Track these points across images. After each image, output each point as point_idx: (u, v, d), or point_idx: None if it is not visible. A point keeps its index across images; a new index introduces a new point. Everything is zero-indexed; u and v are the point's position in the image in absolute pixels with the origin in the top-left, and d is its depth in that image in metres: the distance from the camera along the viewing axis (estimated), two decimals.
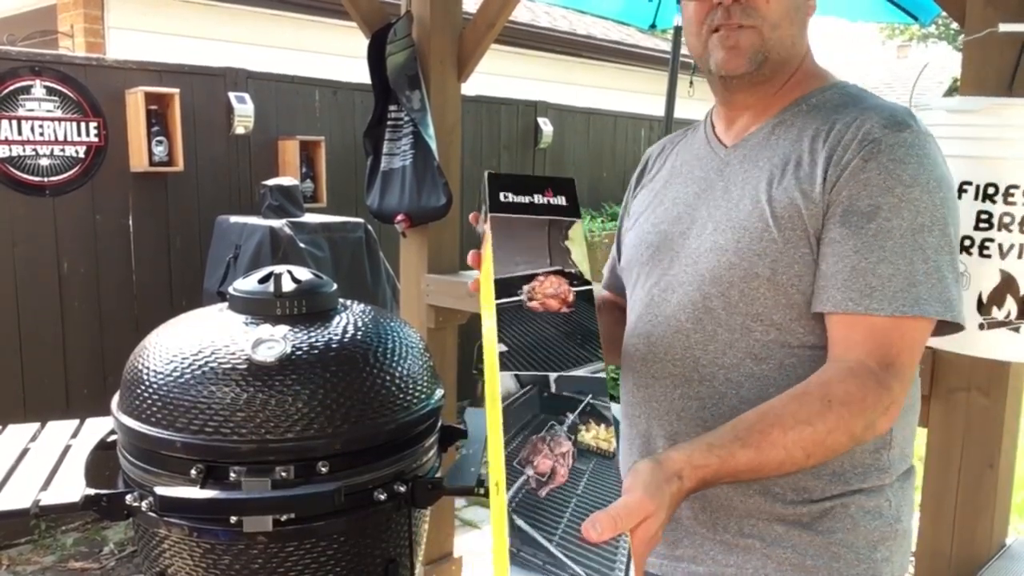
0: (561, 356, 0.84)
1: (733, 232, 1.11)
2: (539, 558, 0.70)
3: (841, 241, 1.03)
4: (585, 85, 8.45)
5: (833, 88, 1.17)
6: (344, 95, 4.56)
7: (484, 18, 2.83)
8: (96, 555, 3.53)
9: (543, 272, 0.87)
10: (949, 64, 12.39)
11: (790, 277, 1.07)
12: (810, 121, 1.12)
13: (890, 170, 1.02)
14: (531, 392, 0.81)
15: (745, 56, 1.12)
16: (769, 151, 1.13)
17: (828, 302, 1.03)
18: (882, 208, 1.01)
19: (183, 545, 1.36)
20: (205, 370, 1.33)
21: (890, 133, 1.04)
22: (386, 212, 2.89)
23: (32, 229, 3.55)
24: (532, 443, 0.77)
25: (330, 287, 1.53)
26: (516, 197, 0.93)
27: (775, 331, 1.09)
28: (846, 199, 1.03)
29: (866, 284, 1.01)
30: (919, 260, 1.00)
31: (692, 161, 1.25)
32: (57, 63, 3.57)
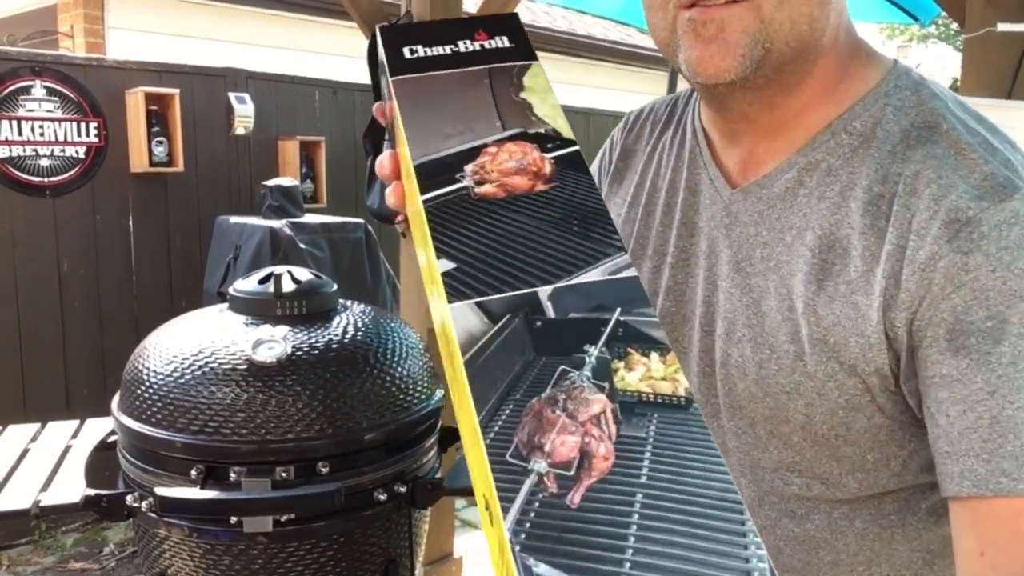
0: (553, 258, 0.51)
1: (757, 350, 0.78)
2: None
3: (961, 379, 0.66)
4: (585, 85, 8.45)
5: (885, 97, 0.75)
6: (344, 95, 4.56)
7: None
8: (96, 556, 3.53)
9: (493, 141, 0.57)
10: (949, 64, 12.41)
11: (832, 426, 0.75)
12: (860, 169, 0.73)
13: (1008, 264, 0.65)
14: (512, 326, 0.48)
15: (735, 51, 0.70)
16: (798, 217, 0.76)
17: (967, 481, 0.65)
18: (1011, 321, 0.65)
19: (183, 546, 1.36)
20: (205, 370, 1.33)
21: (991, 206, 0.67)
22: (386, 212, 2.88)
23: (32, 229, 3.55)
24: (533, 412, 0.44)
25: (330, 287, 1.53)
26: (430, 49, 0.62)
27: (819, 485, 0.79)
28: (950, 315, 0.67)
29: (1022, 443, 0.63)
30: None
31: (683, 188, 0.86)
32: (57, 63, 3.58)
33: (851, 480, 0.77)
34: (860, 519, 0.79)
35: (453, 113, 0.58)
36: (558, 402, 0.44)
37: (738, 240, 0.80)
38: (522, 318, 0.48)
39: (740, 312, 0.79)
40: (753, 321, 0.78)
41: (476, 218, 0.54)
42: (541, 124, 0.59)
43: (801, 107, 0.77)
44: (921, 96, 0.75)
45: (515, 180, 0.55)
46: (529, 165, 0.56)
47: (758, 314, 0.78)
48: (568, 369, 0.46)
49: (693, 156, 0.86)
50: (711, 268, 0.82)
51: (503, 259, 0.51)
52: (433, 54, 0.62)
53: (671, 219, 0.87)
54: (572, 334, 0.48)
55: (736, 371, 0.79)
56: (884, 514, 0.79)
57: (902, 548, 0.78)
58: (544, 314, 0.49)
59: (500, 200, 0.54)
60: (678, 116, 0.92)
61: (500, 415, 0.44)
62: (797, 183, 0.77)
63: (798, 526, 0.81)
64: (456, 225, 0.53)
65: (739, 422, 0.81)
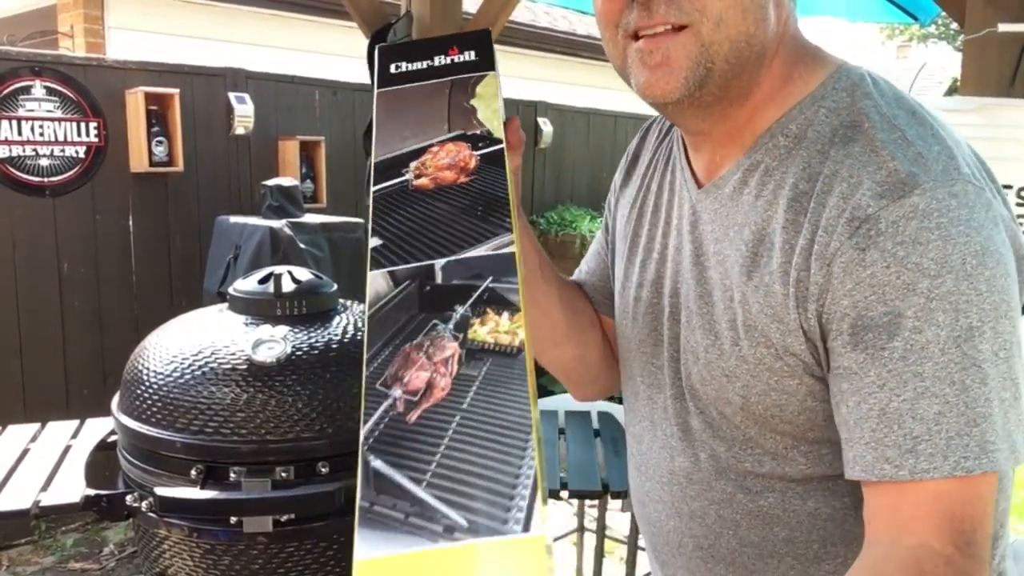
0: (454, 237, 0.63)
1: (704, 333, 0.85)
2: (399, 509, 0.49)
3: (859, 372, 0.71)
4: (585, 85, 8.44)
5: (821, 100, 0.80)
6: (344, 95, 4.56)
7: (484, 18, 2.83)
8: (96, 555, 3.53)
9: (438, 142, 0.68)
10: (949, 64, 12.40)
11: (767, 407, 0.80)
12: (790, 168, 0.79)
13: (902, 259, 0.69)
14: (408, 289, 0.61)
15: (678, 74, 0.77)
16: (741, 216, 0.82)
17: (857, 466, 0.72)
18: (905, 315, 0.69)
19: (183, 545, 1.36)
20: (205, 370, 1.33)
21: (890, 203, 0.71)
22: None
23: (32, 229, 3.55)
24: (403, 353, 0.57)
25: (330, 287, 1.53)
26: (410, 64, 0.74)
27: (770, 461, 0.83)
28: (851, 309, 0.72)
29: (905, 434, 0.69)
30: (975, 382, 0.69)
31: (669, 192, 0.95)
32: (57, 63, 3.57)
33: (797, 455, 0.82)
34: (813, 499, 0.83)
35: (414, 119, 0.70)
36: (423, 347, 0.57)
37: (699, 236, 0.87)
38: (417, 284, 0.62)
39: (695, 302, 0.87)
40: (704, 310, 0.85)
41: (408, 206, 0.66)
42: (479, 126, 0.71)
43: (749, 115, 0.83)
44: (854, 96, 0.79)
45: (445, 174, 0.67)
46: (459, 161, 0.68)
47: (709, 303, 0.85)
48: (437, 322, 0.59)
49: (674, 161, 0.95)
50: (679, 262, 0.90)
51: (417, 238, 0.64)
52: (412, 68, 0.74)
53: (657, 218, 0.95)
54: (449, 297, 0.60)
55: (691, 356, 0.87)
56: (837, 495, 0.82)
57: (857, 530, 0.80)
58: (434, 281, 0.62)
59: (430, 191, 0.66)
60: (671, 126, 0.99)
61: (381, 355, 0.58)
62: (742, 183, 0.83)
63: (752, 502, 0.85)
64: (391, 211, 0.66)
65: (697, 403, 0.87)
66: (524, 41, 7.56)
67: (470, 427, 0.53)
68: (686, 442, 0.89)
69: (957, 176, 0.73)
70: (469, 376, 0.56)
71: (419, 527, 0.49)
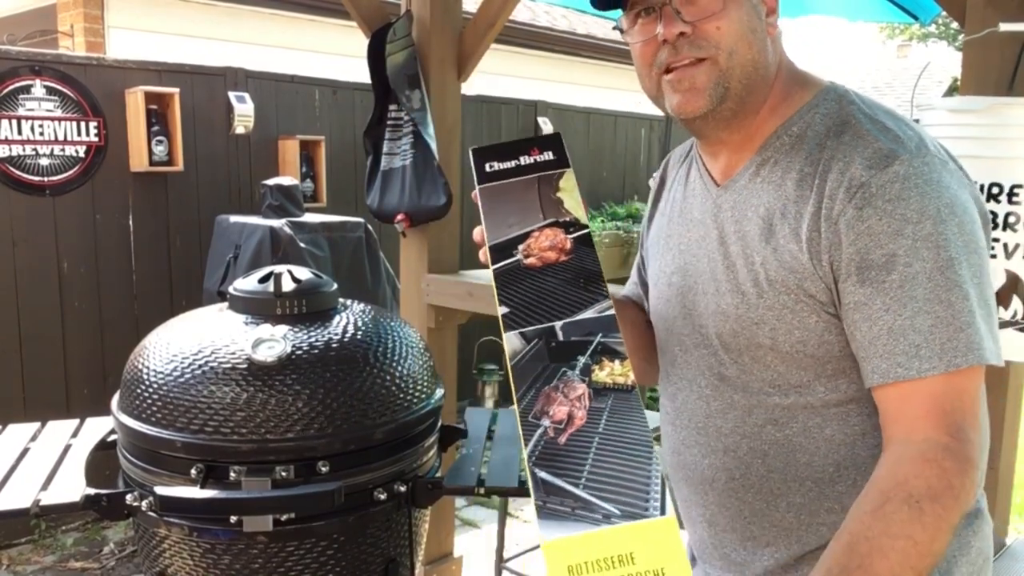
0: (565, 304, 0.85)
1: (732, 296, 1.05)
2: (567, 505, 0.70)
3: (867, 302, 0.93)
4: (585, 85, 8.45)
5: (815, 108, 1.04)
6: (344, 95, 4.56)
7: (484, 18, 2.83)
8: (96, 555, 3.53)
9: (537, 228, 0.88)
10: (949, 64, 12.40)
11: (792, 344, 1.00)
12: (795, 159, 1.02)
13: (890, 212, 0.92)
14: (537, 345, 0.81)
15: (703, 95, 1.01)
16: (756, 198, 1.04)
17: (875, 374, 0.93)
18: (897, 254, 0.91)
19: (183, 545, 1.36)
20: (205, 370, 1.33)
21: (878, 172, 0.93)
22: (386, 212, 2.89)
23: (32, 229, 3.55)
24: (544, 394, 0.78)
25: (330, 287, 1.53)
26: (502, 164, 0.94)
27: (795, 394, 1.02)
28: (856, 255, 0.93)
29: (909, 343, 0.90)
30: (958, 299, 0.90)
31: (691, 197, 1.16)
32: (57, 63, 3.57)
33: (818, 386, 1.01)
34: (830, 427, 1.02)
35: (514, 209, 0.91)
36: (559, 388, 0.79)
37: (720, 223, 1.09)
38: (543, 340, 0.83)
39: (722, 274, 1.07)
40: (730, 277, 1.05)
41: (523, 280, 0.88)
42: (567, 214, 0.92)
43: (759, 125, 1.06)
44: (841, 104, 1.03)
45: (548, 255, 0.88)
46: (557, 244, 0.89)
47: (733, 272, 1.05)
48: (566, 370, 0.80)
49: (693, 173, 1.17)
50: (704, 247, 1.11)
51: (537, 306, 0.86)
52: (503, 167, 0.94)
53: (683, 220, 1.17)
54: (571, 350, 0.82)
55: (722, 317, 1.06)
56: (850, 424, 1.01)
57: (864, 454, 1.01)
58: (557, 339, 0.83)
59: (538, 268, 0.88)
60: (688, 149, 1.24)
61: (527, 396, 0.79)
62: (755, 175, 1.05)
63: (779, 431, 1.04)
64: (510, 285, 0.87)
65: (730, 354, 1.06)
66: (524, 40, 7.56)
67: (608, 445, 0.74)
68: (720, 390, 1.08)
69: (927, 151, 0.96)
70: (599, 408, 0.78)
71: (584, 516, 0.69)
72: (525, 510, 3.93)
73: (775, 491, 1.05)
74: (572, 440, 0.74)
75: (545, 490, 0.71)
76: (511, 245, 0.87)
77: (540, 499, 0.69)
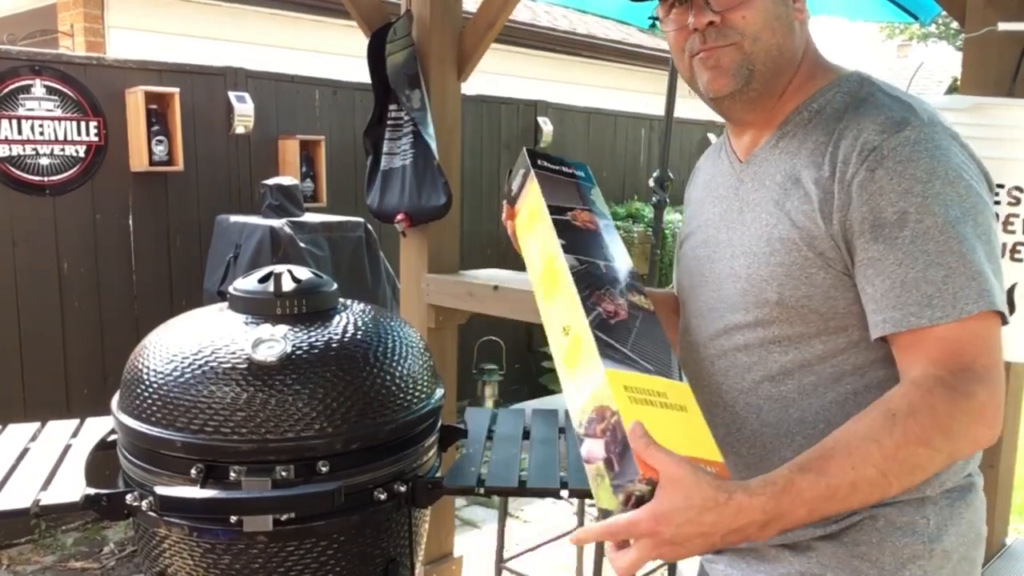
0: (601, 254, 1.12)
1: (745, 258, 1.11)
2: (620, 355, 0.94)
3: (880, 258, 0.97)
4: (585, 85, 8.44)
5: (837, 87, 1.10)
6: (344, 94, 4.56)
7: (484, 17, 2.83)
8: (96, 555, 3.53)
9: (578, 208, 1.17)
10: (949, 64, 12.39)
11: (798, 298, 1.05)
12: (811, 131, 1.08)
13: (901, 172, 0.97)
14: (588, 267, 1.06)
15: (729, 74, 1.09)
16: (773, 168, 1.11)
17: (888, 323, 0.97)
18: (909, 212, 0.96)
19: (183, 545, 1.36)
20: (205, 370, 1.33)
21: (889, 136, 0.99)
22: (386, 211, 2.89)
23: (32, 229, 3.55)
24: (597, 295, 1.01)
25: (330, 287, 1.53)
26: (550, 165, 1.22)
27: (793, 350, 1.07)
28: (869, 214, 0.98)
29: (922, 294, 0.94)
30: (968, 251, 0.94)
31: (717, 177, 1.24)
32: (57, 62, 3.57)
33: (818, 343, 1.06)
34: (823, 386, 1.07)
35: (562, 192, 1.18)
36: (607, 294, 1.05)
37: (741, 195, 1.16)
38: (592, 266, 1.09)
39: (737, 240, 1.14)
40: (743, 241, 1.12)
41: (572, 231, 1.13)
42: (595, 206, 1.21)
43: (782, 106, 1.13)
44: (862, 84, 1.10)
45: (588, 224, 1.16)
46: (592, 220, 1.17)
47: (746, 235, 1.12)
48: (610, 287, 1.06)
49: (723, 155, 1.26)
50: (723, 218, 1.18)
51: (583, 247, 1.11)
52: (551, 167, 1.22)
53: (708, 196, 1.25)
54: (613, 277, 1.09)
55: (733, 278, 1.13)
56: (843, 383, 1.06)
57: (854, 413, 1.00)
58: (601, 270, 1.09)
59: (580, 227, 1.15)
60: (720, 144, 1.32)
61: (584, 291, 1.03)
62: (775, 147, 1.12)
63: (775, 387, 1.09)
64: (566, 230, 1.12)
65: (736, 315, 1.12)
66: (524, 41, 7.56)
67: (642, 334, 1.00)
68: (724, 350, 1.14)
69: (938, 122, 1.02)
70: (634, 314, 1.03)
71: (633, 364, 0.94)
72: (525, 510, 3.93)
73: (767, 445, 1.11)
74: (619, 322, 0.98)
75: (603, 345, 0.93)
76: (565, 209, 1.13)
77: (601, 351, 0.92)
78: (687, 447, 0.85)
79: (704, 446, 0.88)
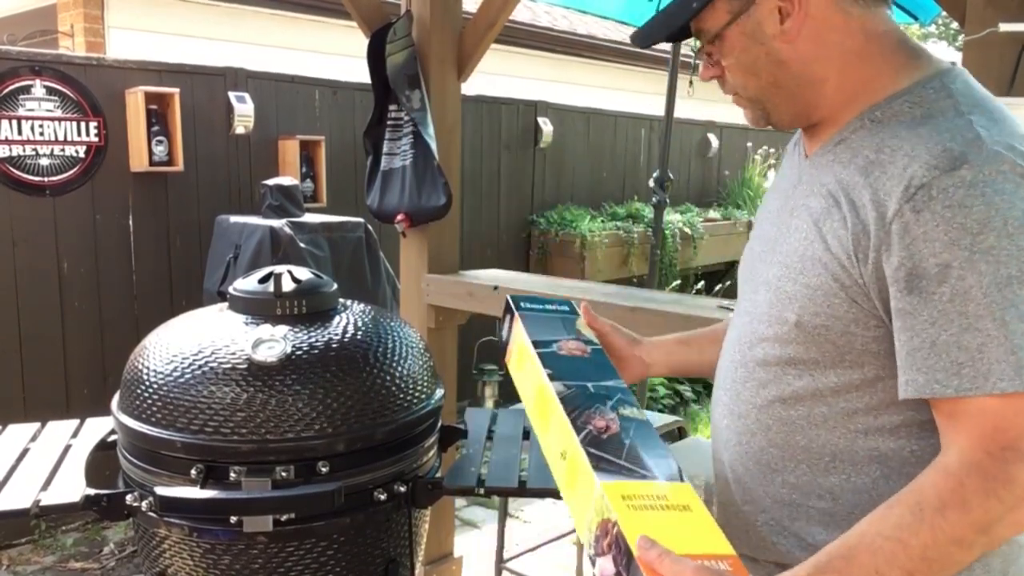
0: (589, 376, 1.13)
1: (779, 268, 1.05)
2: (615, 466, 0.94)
3: (913, 312, 0.89)
4: (585, 85, 8.44)
5: (909, 94, 0.98)
6: (344, 95, 4.56)
7: (484, 18, 2.83)
8: (96, 555, 3.53)
9: (563, 339, 1.21)
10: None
11: (815, 325, 0.99)
12: (865, 144, 0.98)
13: (949, 219, 0.86)
14: (576, 389, 1.08)
15: (751, 115, 1.12)
16: (825, 176, 1.02)
17: (910, 386, 0.90)
18: (952, 266, 0.86)
19: (183, 545, 1.36)
20: (205, 370, 1.33)
21: (941, 175, 0.87)
22: (386, 212, 2.89)
23: (32, 229, 3.55)
24: (586, 415, 1.02)
25: (330, 287, 1.53)
26: (533, 305, 1.29)
27: (807, 376, 1.02)
28: (907, 260, 0.89)
29: (952, 361, 0.86)
30: (1014, 319, 0.84)
31: (788, 168, 1.18)
32: (57, 63, 3.57)
33: (832, 375, 1.00)
34: (833, 420, 1.01)
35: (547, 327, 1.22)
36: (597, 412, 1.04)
37: (797, 195, 1.08)
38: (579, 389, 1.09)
39: (780, 244, 1.07)
40: (783, 248, 1.06)
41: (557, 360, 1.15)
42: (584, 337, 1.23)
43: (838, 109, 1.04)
44: (938, 95, 0.97)
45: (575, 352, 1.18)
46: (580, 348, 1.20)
47: (787, 243, 1.05)
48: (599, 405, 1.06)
49: (799, 142, 1.17)
50: (780, 216, 1.11)
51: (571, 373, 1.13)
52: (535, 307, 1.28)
53: (774, 189, 1.20)
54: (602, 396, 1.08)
55: (765, 286, 1.07)
56: (853, 421, 1.00)
57: (861, 454, 1.00)
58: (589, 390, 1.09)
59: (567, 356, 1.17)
60: None
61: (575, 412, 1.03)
62: (832, 150, 1.03)
63: (785, 410, 1.05)
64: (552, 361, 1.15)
65: (763, 326, 1.07)
66: (524, 41, 7.55)
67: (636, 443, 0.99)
68: (747, 358, 1.10)
69: (1003, 158, 0.88)
70: (626, 427, 1.01)
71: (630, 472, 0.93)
72: (525, 510, 3.93)
73: (771, 465, 1.08)
74: (612, 436, 0.99)
75: (596, 460, 0.94)
76: (548, 343, 1.18)
77: (593, 463, 0.93)
78: (697, 546, 0.82)
79: (714, 542, 0.85)
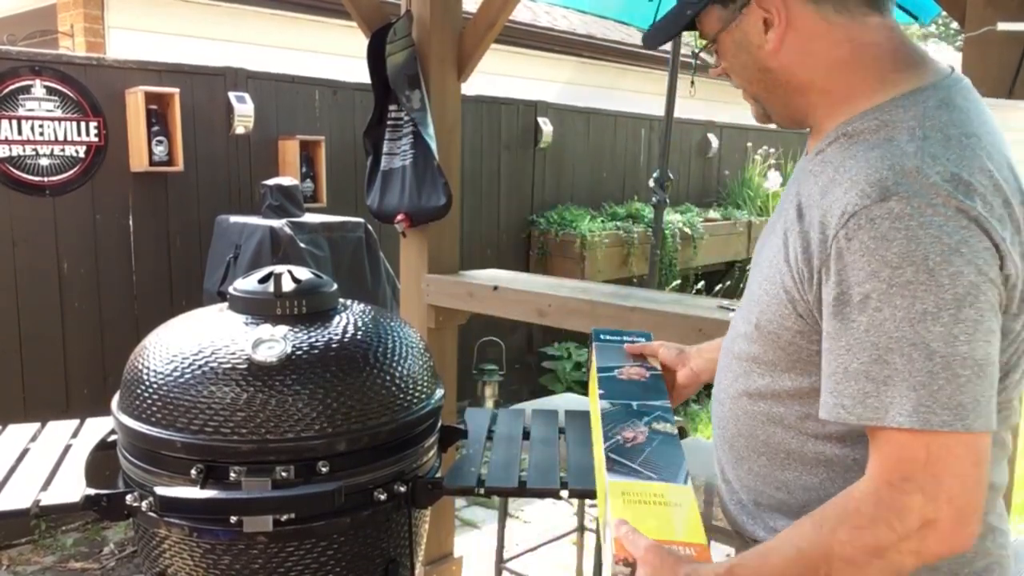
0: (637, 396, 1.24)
1: (759, 270, 1.11)
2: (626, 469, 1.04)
3: (835, 337, 0.92)
4: (585, 85, 8.44)
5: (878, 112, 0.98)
6: (344, 95, 4.56)
7: (484, 18, 2.83)
8: (96, 555, 3.53)
9: (627, 366, 1.35)
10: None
11: (770, 332, 1.05)
12: (833, 161, 0.99)
13: (873, 250, 0.88)
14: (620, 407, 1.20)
15: (755, 114, 1.17)
16: (803, 186, 1.04)
17: (824, 407, 0.94)
18: (871, 296, 0.88)
19: (183, 545, 1.36)
20: (205, 370, 1.33)
21: (872, 204, 0.89)
22: (386, 212, 2.89)
23: (32, 229, 3.55)
24: (620, 428, 1.14)
25: (330, 287, 1.53)
26: (610, 337, 1.45)
27: (768, 376, 1.08)
28: (836, 286, 0.92)
29: (859, 390, 0.89)
30: (921, 356, 0.85)
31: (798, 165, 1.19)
32: (57, 63, 3.57)
33: (786, 378, 1.05)
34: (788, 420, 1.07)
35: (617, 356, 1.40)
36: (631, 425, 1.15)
37: (786, 199, 1.10)
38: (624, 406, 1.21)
39: (768, 246, 1.10)
40: (767, 252, 1.08)
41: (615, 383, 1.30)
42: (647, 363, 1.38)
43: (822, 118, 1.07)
44: (905, 114, 0.97)
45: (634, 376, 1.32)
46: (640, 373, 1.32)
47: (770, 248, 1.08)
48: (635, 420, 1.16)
49: None
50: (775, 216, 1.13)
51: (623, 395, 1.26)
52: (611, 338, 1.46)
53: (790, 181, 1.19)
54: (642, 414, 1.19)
55: (750, 284, 1.14)
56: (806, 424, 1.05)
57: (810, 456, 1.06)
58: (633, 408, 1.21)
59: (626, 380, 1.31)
60: None
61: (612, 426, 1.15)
62: (812, 162, 1.05)
63: (752, 404, 1.11)
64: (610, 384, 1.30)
65: (741, 323, 1.15)
66: (524, 41, 7.55)
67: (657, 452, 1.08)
68: (730, 349, 1.17)
69: (944, 194, 0.88)
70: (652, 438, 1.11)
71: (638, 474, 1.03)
72: (525, 510, 3.93)
73: (740, 453, 1.15)
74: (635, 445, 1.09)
75: (614, 464, 1.04)
76: (611, 369, 1.33)
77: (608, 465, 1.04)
78: (667, 533, 0.93)
79: (689, 532, 0.93)
